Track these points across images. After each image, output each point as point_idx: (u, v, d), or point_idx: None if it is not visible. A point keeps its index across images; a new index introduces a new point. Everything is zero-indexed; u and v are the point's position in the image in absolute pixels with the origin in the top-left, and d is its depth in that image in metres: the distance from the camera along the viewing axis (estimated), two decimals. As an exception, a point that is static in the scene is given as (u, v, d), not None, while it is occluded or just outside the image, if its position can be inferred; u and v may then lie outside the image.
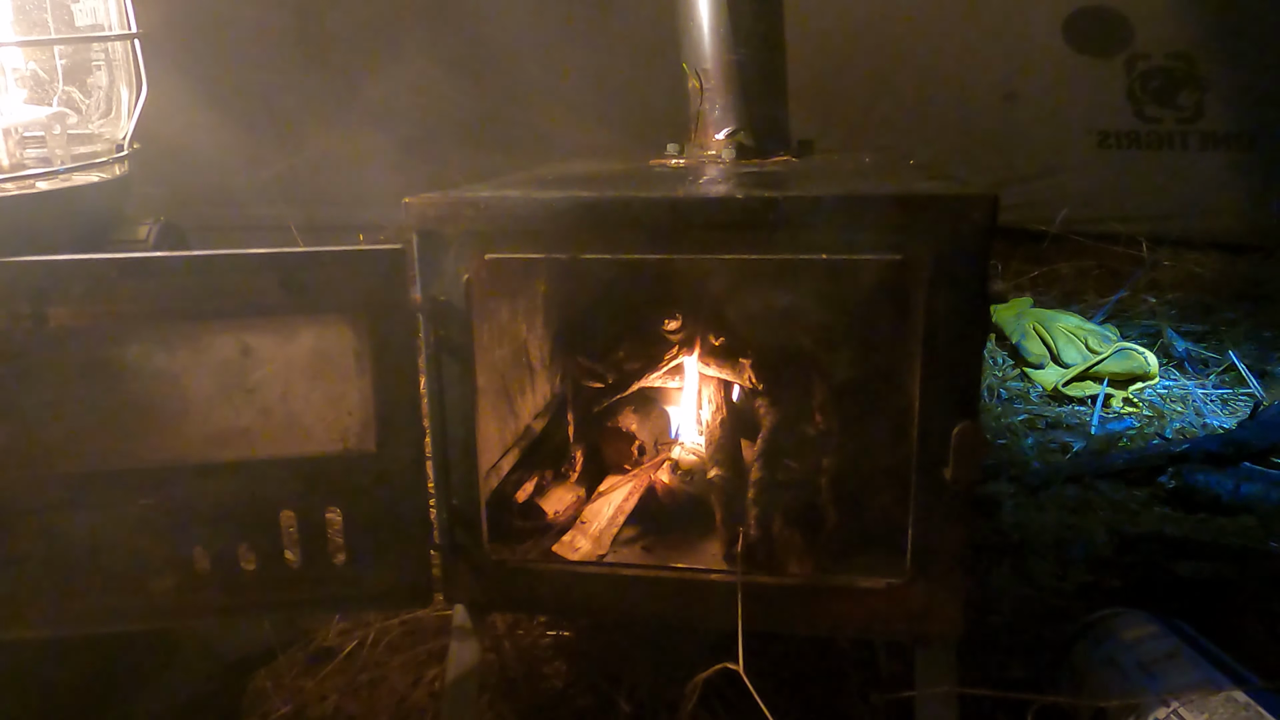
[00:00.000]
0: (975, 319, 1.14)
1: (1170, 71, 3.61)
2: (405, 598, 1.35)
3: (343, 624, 1.73)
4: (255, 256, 1.19)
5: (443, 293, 1.23)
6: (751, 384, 1.53)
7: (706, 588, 1.30)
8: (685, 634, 1.57)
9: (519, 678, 1.57)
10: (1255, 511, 2.00)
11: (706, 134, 1.68)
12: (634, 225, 1.19)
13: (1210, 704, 1.19)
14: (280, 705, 1.54)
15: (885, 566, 1.26)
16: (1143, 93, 3.65)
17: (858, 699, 1.47)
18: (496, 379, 1.44)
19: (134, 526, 1.23)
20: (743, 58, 1.63)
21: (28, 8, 1.51)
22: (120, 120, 1.60)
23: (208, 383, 1.22)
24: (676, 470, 1.49)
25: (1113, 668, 1.32)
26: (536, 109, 3.56)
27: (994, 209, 1.11)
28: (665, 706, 1.46)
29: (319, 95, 3.77)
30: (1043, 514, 2.02)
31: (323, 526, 1.27)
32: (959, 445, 1.14)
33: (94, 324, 1.19)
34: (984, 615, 1.68)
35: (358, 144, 3.54)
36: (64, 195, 1.39)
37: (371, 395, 1.23)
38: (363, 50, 3.84)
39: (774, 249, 1.18)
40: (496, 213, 1.21)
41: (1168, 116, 3.65)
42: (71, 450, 1.21)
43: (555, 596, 1.36)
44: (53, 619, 1.25)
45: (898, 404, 1.44)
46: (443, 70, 3.75)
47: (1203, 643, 1.33)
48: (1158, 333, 2.96)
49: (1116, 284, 3.43)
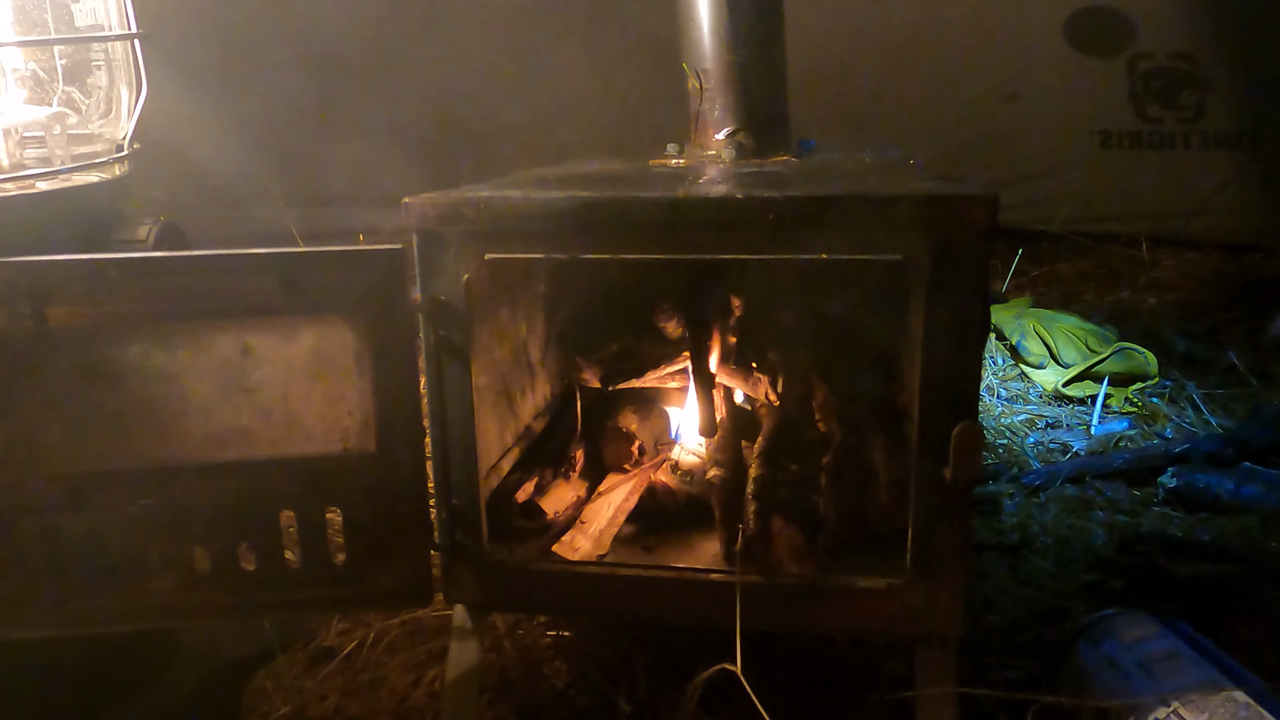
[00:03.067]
0: (975, 319, 1.14)
1: (1172, 71, 3.61)
2: (405, 598, 1.35)
3: (343, 624, 1.73)
4: (255, 256, 1.19)
5: (443, 293, 1.23)
6: (768, 399, 1.52)
7: (706, 588, 1.30)
8: (685, 634, 1.57)
9: (519, 678, 1.57)
10: (1255, 511, 2.00)
11: (706, 134, 1.68)
12: (634, 225, 1.19)
13: (1211, 705, 1.19)
14: (280, 705, 1.54)
15: (885, 566, 1.26)
16: (1144, 93, 3.65)
17: (858, 699, 1.47)
18: (496, 379, 1.44)
19: (134, 526, 1.23)
20: (743, 58, 1.63)
21: (28, 8, 1.51)
22: (120, 120, 1.60)
23: (208, 383, 1.22)
24: (676, 470, 1.49)
25: (1113, 668, 1.32)
26: (537, 110, 3.56)
27: (994, 209, 1.11)
28: (665, 706, 1.46)
29: (319, 96, 3.78)
30: (1043, 514, 2.02)
31: (323, 526, 1.27)
32: (959, 445, 1.14)
33: (94, 324, 1.19)
34: (984, 615, 1.68)
35: (358, 145, 3.55)
36: (64, 195, 1.39)
37: (371, 395, 1.23)
38: (363, 51, 3.84)
39: (774, 249, 1.18)
40: (496, 213, 1.21)
41: (1169, 116, 3.65)
42: (71, 450, 1.22)
43: (555, 596, 1.36)
44: (53, 619, 1.25)
45: (898, 404, 1.44)
46: (446, 71, 3.76)
47: (1203, 642, 1.33)
48: (1158, 333, 2.96)
49: (1116, 284, 3.43)
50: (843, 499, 1.37)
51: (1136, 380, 2.66)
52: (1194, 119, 3.63)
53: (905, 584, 1.22)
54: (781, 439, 1.47)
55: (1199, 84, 3.60)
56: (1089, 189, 3.71)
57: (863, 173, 1.56)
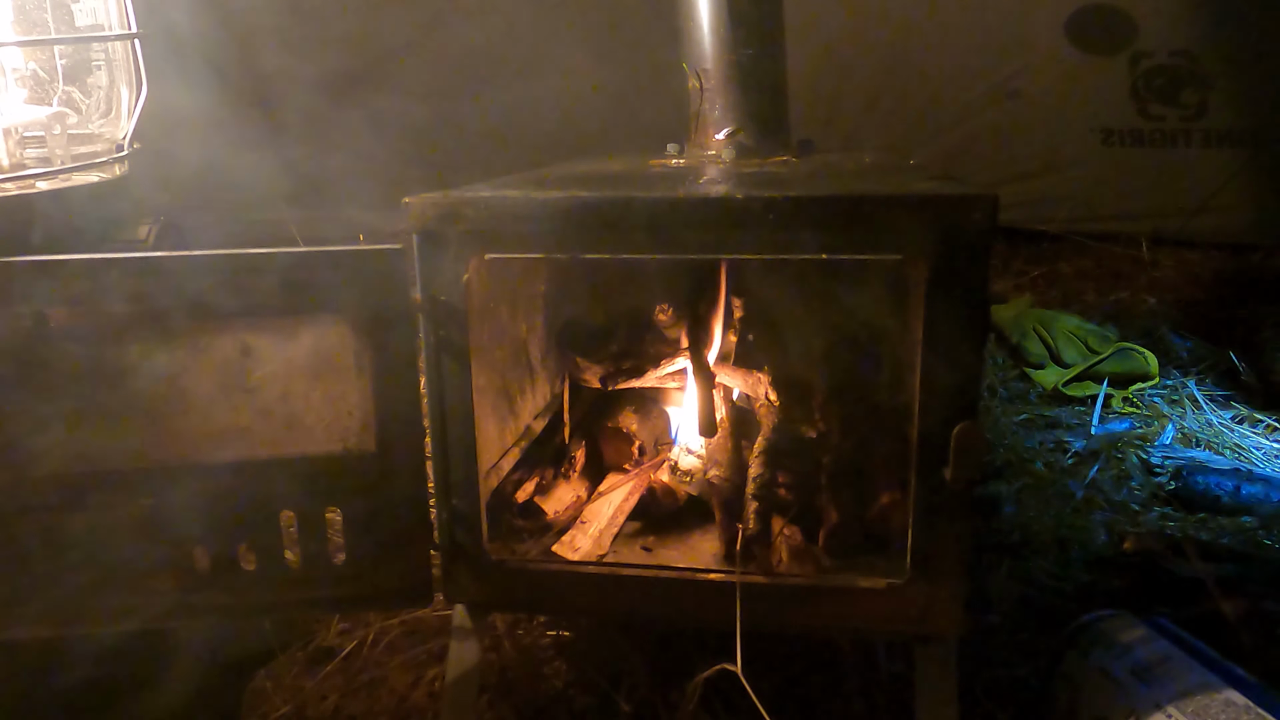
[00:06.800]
0: (975, 319, 1.14)
1: (1174, 69, 3.60)
2: (405, 598, 1.35)
3: (343, 624, 1.73)
4: (255, 256, 1.19)
5: (443, 293, 1.23)
6: (768, 400, 1.52)
7: (706, 588, 1.30)
8: (685, 634, 1.57)
9: (519, 678, 1.57)
10: (1255, 511, 2.00)
11: (706, 134, 1.68)
12: (634, 225, 1.19)
13: (1210, 710, 1.19)
14: (280, 705, 1.54)
15: (885, 566, 1.26)
16: (1146, 91, 3.65)
17: (858, 699, 1.47)
18: (496, 379, 1.44)
19: (134, 526, 1.23)
20: (743, 58, 1.63)
21: (28, 8, 1.51)
22: (120, 120, 1.60)
23: (208, 383, 1.22)
24: (676, 470, 1.49)
25: (1106, 677, 1.31)
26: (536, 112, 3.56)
27: (994, 209, 1.11)
28: (665, 706, 1.46)
29: (320, 97, 3.77)
30: (1043, 514, 2.02)
31: (323, 526, 1.27)
32: (959, 445, 1.13)
33: (94, 324, 1.19)
34: (984, 615, 1.68)
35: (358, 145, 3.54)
36: (64, 195, 1.39)
37: (371, 395, 1.23)
38: (364, 52, 3.84)
39: (774, 249, 1.18)
40: (496, 213, 1.21)
41: (1171, 114, 3.64)
42: (71, 450, 1.21)
43: (555, 596, 1.36)
44: (53, 619, 1.26)
45: (898, 404, 1.44)
46: (446, 73, 3.76)
47: (1190, 641, 1.32)
48: (1158, 333, 2.96)
49: (1116, 284, 3.43)
50: (843, 499, 1.37)
51: (1136, 380, 2.66)
52: (1195, 117, 3.62)
53: (905, 584, 1.22)
54: (781, 439, 1.47)
55: (1201, 82, 3.59)
56: (1090, 187, 3.70)
57: (863, 173, 1.56)
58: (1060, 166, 3.73)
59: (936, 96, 3.77)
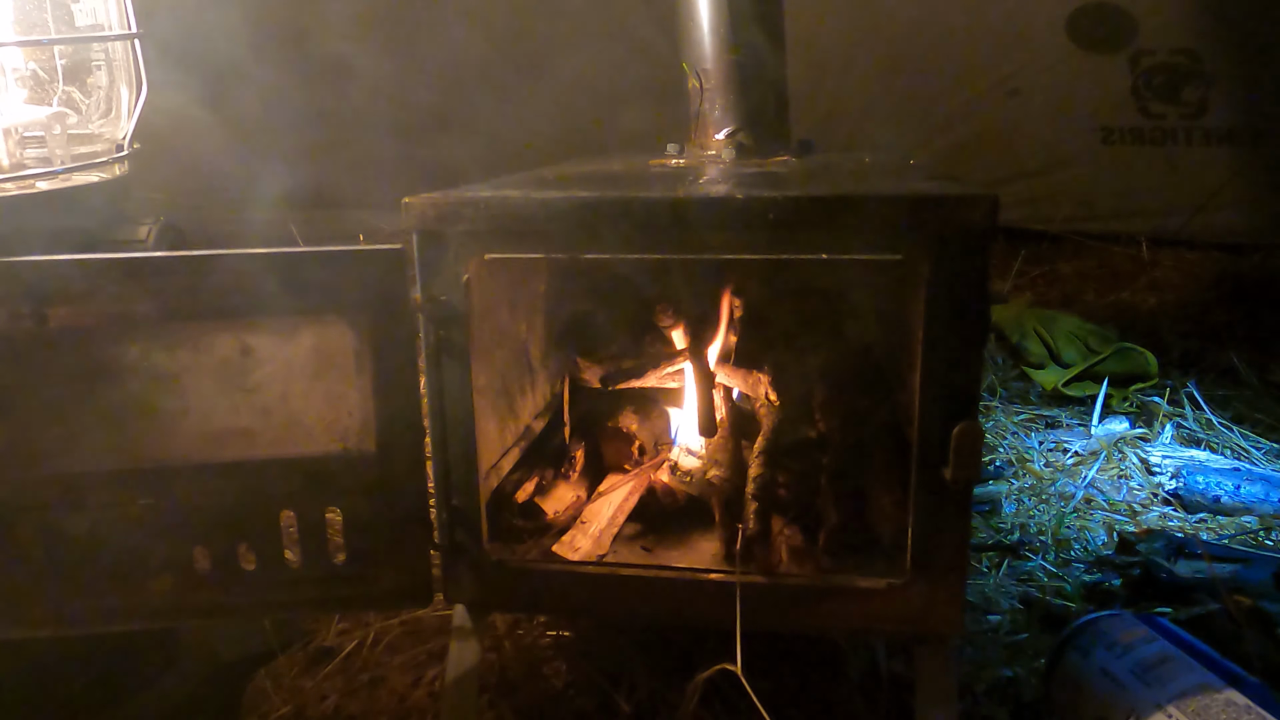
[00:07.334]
0: (975, 319, 1.14)
1: (1174, 67, 3.60)
2: (405, 598, 1.35)
3: (343, 624, 1.73)
4: (255, 256, 1.19)
5: (443, 293, 1.23)
6: (768, 400, 1.52)
7: (706, 588, 1.30)
8: (685, 634, 1.57)
9: (519, 678, 1.57)
10: (1255, 511, 2.00)
11: (706, 134, 1.68)
12: (634, 225, 1.19)
13: (1210, 710, 1.18)
14: (280, 705, 1.54)
15: (885, 566, 1.26)
16: (1147, 89, 3.64)
17: (857, 699, 1.47)
18: (496, 379, 1.44)
19: (134, 526, 1.23)
20: (743, 58, 1.63)
21: (28, 8, 1.51)
22: (120, 120, 1.60)
23: (208, 383, 1.22)
24: (676, 470, 1.49)
25: (1106, 677, 1.31)
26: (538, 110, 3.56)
27: (994, 209, 1.11)
28: (665, 706, 1.46)
29: (319, 97, 3.77)
30: (1043, 514, 2.02)
31: (323, 526, 1.27)
32: (959, 445, 1.13)
33: (94, 324, 1.19)
34: (984, 615, 1.68)
35: (358, 145, 3.55)
36: (64, 195, 1.39)
37: (371, 395, 1.23)
38: (363, 50, 3.83)
39: (774, 249, 1.18)
40: (496, 213, 1.21)
41: (1172, 113, 3.64)
42: (71, 450, 1.21)
43: (555, 596, 1.36)
44: (53, 619, 1.25)
45: (898, 404, 1.44)
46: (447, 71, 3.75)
47: (1190, 641, 1.32)
48: (1158, 333, 2.96)
49: (1116, 284, 3.43)
50: (842, 499, 1.37)
51: (1136, 380, 2.66)
52: (1196, 115, 3.62)
53: (905, 584, 1.22)
54: (781, 439, 1.47)
55: (1201, 80, 3.59)
56: (1090, 185, 3.70)
57: (863, 173, 1.56)
58: (1060, 165, 3.73)
59: (937, 94, 3.77)
